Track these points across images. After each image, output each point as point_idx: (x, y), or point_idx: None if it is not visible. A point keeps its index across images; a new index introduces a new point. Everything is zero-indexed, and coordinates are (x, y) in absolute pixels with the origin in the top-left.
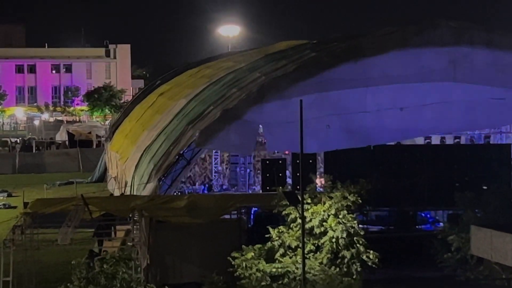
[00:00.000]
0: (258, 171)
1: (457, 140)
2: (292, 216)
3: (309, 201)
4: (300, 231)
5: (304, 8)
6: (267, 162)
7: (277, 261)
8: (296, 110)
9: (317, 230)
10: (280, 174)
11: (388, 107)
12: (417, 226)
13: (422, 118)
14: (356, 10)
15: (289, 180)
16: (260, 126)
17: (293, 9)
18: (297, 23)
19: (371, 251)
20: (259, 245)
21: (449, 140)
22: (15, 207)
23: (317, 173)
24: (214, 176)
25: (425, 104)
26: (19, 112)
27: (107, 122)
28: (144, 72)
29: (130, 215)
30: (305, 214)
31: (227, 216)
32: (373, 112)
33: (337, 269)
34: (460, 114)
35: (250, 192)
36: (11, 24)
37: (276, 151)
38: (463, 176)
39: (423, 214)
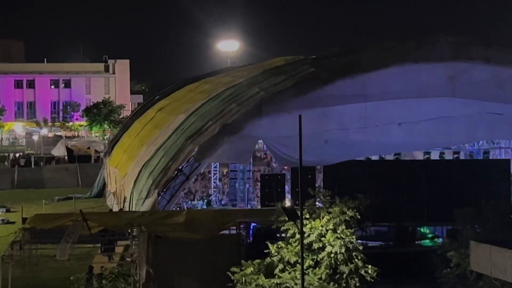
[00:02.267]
0: (257, 186)
1: (456, 155)
2: (291, 231)
3: (307, 216)
4: (299, 247)
5: (303, 23)
6: (266, 177)
7: (276, 277)
8: (295, 125)
9: (315, 245)
10: (279, 189)
11: (387, 122)
12: (416, 242)
13: (420, 132)
14: (355, 25)
15: (288, 195)
16: (260, 141)
17: (292, 24)
18: (296, 38)
19: (370, 266)
20: (258, 260)
21: (449, 156)
22: (13, 223)
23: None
24: (213, 191)
25: (423, 120)
26: (18, 127)
27: (106, 137)
28: (143, 87)
29: (129, 231)
30: (304, 229)
31: (226, 232)
32: (372, 128)
33: (336, 284)
34: (459, 129)
35: (249, 207)
36: (10, 39)
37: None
38: (462, 192)
39: (422, 230)
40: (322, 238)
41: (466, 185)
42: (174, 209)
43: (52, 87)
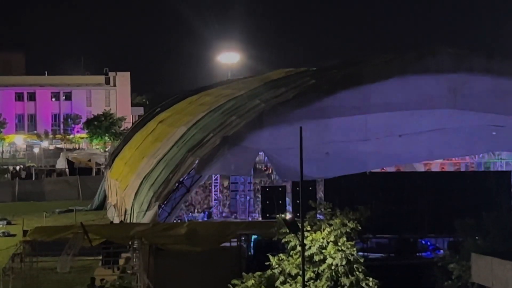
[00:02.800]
0: (258, 198)
1: (457, 167)
2: (292, 243)
3: (308, 228)
4: (300, 259)
5: (304, 36)
6: (267, 189)
7: None
8: (295, 136)
9: (316, 258)
10: (280, 201)
11: (388, 134)
12: (417, 254)
13: (421, 144)
14: (356, 37)
15: (289, 207)
16: (261, 153)
17: (293, 37)
18: (297, 50)
19: (371, 279)
20: (259, 273)
21: (449, 167)
22: (14, 235)
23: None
24: (214, 203)
25: (424, 131)
26: (19, 140)
27: (106, 150)
28: (144, 100)
29: (130, 243)
30: (305, 241)
31: (227, 244)
32: (373, 140)
33: None
34: (460, 141)
35: (250, 219)
36: (11, 52)
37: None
38: (463, 203)
39: (423, 242)
40: (323, 250)
41: (467, 197)
42: (175, 221)
43: (53, 99)
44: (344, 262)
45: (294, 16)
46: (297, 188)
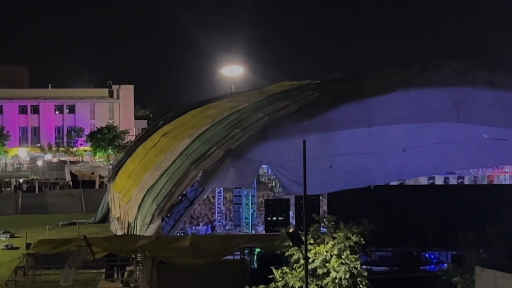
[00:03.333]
0: (261, 211)
1: (461, 180)
2: (295, 256)
3: (312, 241)
4: (303, 272)
5: (307, 49)
6: (270, 202)
7: None
8: (299, 149)
9: (320, 271)
10: (283, 215)
11: (391, 148)
12: (421, 267)
13: (424, 158)
14: (359, 50)
15: (292, 221)
16: (264, 166)
17: (297, 49)
18: (300, 63)
19: None
20: (262, 286)
21: (453, 180)
22: (17, 248)
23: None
24: (218, 216)
25: (428, 144)
26: (22, 153)
27: (110, 163)
28: (147, 113)
29: (133, 256)
30: (308, 254)
31: (230, 257)
32: (377, 154)
33: None
34: (463, 155)
35: (254, 232)
36: (14, 65)
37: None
38: (467, 217)
39: (427, 255)
40: (327, 264)
41: (470, 210)
42: (178, 234)
43: (57, 112)
44: (347, 276)
45: (298, 29)
46: (301, 201)
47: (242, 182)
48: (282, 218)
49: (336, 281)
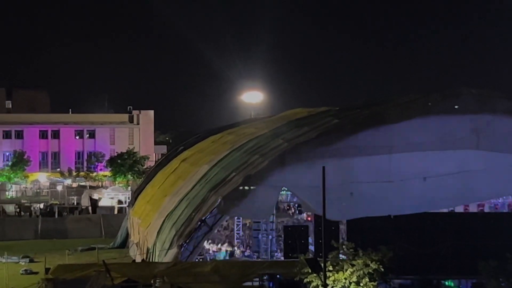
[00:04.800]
0: (280, 238)
1: (481, 208)
2: (314, 283)
3: (331, 268)
4: None
5: (327, 76)
6: (289, 228)
7: None
8: (318, 176)
9: None
10: (303, 241)
11: (412, 176)
12: None
13: (445, 188)
14: (379, 77)
15: (311, 247)
16: (283, 192)
17: (316, 76)
18: (319, 90)
19: None
20: None
21: (473, 208)
22: (36, 273)
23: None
24: (236, 242)
25: (448, 174)
26: (42, 178)
27: (129, 188)
28: (167, 138)
29: (152, 282)
30: (327, 281)
31: (249, 283)
32: (397, 182)
33: None
34: (484, 184)
35: (272, 259)
36: (35, 90)
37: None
38: (487, 245)
39: (446, 283)
40: None
41: (490, 238)
42: (197, 260)
43: (77, 137)
44: None
45: (318, 56)
46: (320, 228)
47: (263, 215)
48: (301, 244)
49: None
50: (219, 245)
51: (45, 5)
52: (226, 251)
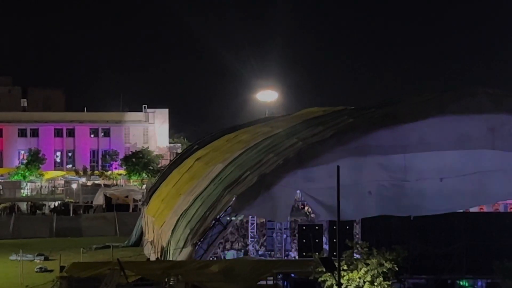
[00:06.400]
0: (295, 237)
1: (496, 207)
2: (329, 282)
3: (345, 267)
4: None
5: (342, 74)
6: (304, 227)
7: None
8: (333, 175)
9: None
10: (317, 240)
11: (428, 176)
12: None
13: (462, 189)
14: (394, 77)
15: (325, 246)
16: (298, 192)
17: (331, 74)
18: (334, 88)
19: None
20: None
21: (488, 208)
22: (51, 271)
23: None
24: (251, 241)
25: (465, 174)
26: (57, 176)
27: (144, 186)
28: (181, 137)
29: (166, 280)
30: (341, 280)
31: (263, 282)
32: (412, 181)
33: None
34: (500, 184)
35: (286, 257)
36: (51, 88)
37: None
38: (501, 244)
39: (461, 283)
40: None
41: (505, 238)
42: (211, 259)
43: (92, 136)
44: None
45: (333, 54)
46: (334, 227)
47: (278, 216)
48: (315, 243)
49: None
50: (231, 244)
51: (60, 5)
52: (240, 250)
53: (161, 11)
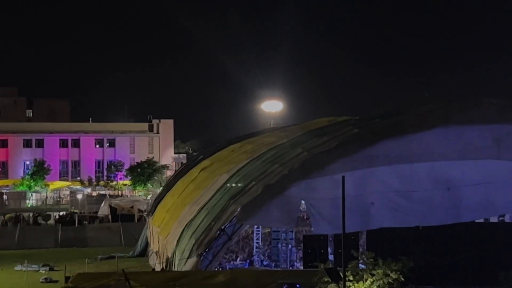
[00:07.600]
0: (300, 247)
1: (502, 218)
2: None
3: (351, 278)
4: None
5: (346, 85)
6: (309, 238)
7: None
8: (338, 186)
9: None
10: (322, 250)
11: (434, 187)
12: None
13: (468, 200)
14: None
15: (331, 257)
16: (302, 202)
17: (336, 85)
18: (339, 99)
19: None
20: None
21: (493, 218)
22: (56, 281)
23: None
24: (256, 251)
25: (471, 185)
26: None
27: (149, 197)
28: (186, 147)
29: None
30: None
31: None
32: (420, 192)
33: None
34: (506, 195)
35: (292, 268)
36: (56, 99)
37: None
38: (507, 255)
39: None
40: None
41: (511, 249)
42: (216, 269)
43: (97, 146)
44: None
45: (338, 65)
46: (339, 238)
47: (283, 224)
48: (321, 254)
49: None
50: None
51: (66, 16)
52: (246, 260)
53: (167, 21)
